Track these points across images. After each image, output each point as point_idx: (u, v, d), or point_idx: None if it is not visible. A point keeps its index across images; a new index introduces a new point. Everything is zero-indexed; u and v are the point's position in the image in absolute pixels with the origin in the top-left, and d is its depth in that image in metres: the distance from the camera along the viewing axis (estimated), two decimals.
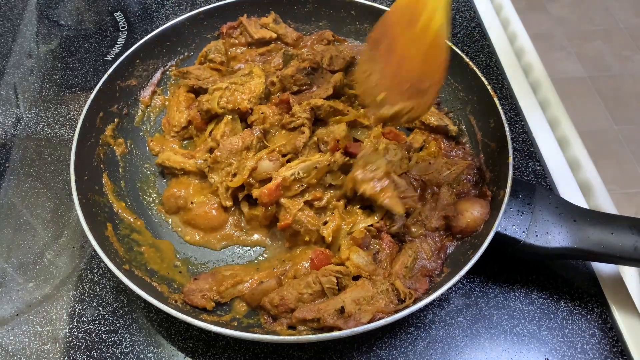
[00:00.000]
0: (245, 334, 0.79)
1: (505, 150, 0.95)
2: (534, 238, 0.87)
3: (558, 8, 3.38)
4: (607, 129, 2.78)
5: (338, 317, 0.80)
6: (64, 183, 1.09)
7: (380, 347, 0.89)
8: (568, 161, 1.14)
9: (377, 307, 0.81)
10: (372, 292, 0.83)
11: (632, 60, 3.09)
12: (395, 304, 0.82)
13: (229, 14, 1.24)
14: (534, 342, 0.90)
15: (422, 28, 0.69)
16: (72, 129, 1.18)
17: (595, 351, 0.89)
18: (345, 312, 0.80)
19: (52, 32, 1.40)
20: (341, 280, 0.86)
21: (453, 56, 1.11)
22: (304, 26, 1.29)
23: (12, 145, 1.16)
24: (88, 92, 1.25)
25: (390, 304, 0.82)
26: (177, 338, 0.89)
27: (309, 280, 0.86)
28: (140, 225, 1.00)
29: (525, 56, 1.36)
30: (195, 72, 1.15)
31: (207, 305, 0.87)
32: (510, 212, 0.89)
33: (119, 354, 0.88)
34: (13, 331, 0.90)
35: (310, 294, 0.85)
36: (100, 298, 0.94)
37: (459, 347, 0.89)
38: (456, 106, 1.14)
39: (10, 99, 1.25)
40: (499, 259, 0.94)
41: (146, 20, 1.43)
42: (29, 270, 0.97)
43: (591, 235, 0.85)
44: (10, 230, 1.03)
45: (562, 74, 3.01)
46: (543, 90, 1.28)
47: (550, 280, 0.96)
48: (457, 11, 1.45)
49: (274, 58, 1.19)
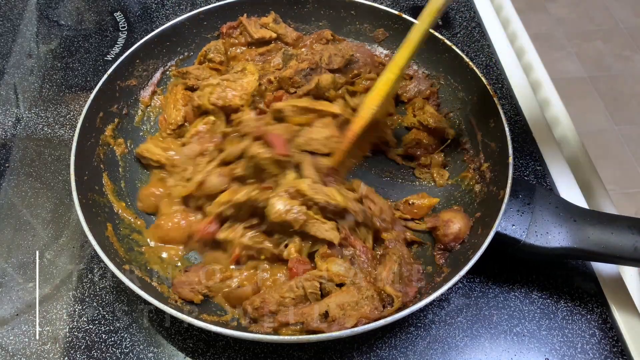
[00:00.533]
0: (245, 334, 0.79)
1: (505, 150, 0.95)
2: (534, 238, 0.87)
3: (558, 8, 3.38)
4: (607, 129, 2.78)
5: (322, 321, 0.79)
6: (64, 183, 1.09)
7: (380, 347, 0.89)
8: (568, 161, 1.14)
9: (361, 313, 0.80)
10: (357, 297, 0.82)
11: (632, 60, 3.09)
12: (380, 310, 0.81)
13: (229, 14, 1.24)
14: (534, 342, 0.90)
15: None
16: (72, 129, 1.18)
17: (595, 351, 0.89)
18: (330, 317, 0.79)
19: (52, 32, 1.40)
20: (324, 286, 0.85)
21: (453, 56, 1.12)
22: (304, 26, 1.29)
23: (12, 145, 1.16)
24: (88, 92, 1.25)
25: (375, 310, 0.81)
26: (177, 338, 0.89)
27: (291, 284, 0.84)
28: (141, 226, 0.99)
29: (525, 56, 1.36)
30: (194, 72, 1.15)
31: (195, 298, 0.87)
32: (510, 212, 0.89)
33: (119, 354, 0.88)
34: (13, 331, 0.90)
35: (293, 298, 0.83)
36: (100, 298, 0.94)
37: (459, 347, 0.89)
38: (456, 106, 1.14)
39: (10, 99, 1.25)
40: (499, 259, 0.94)
41: (146, 20, 1.43)
42: (29, 270, 0.97)
43: (591, 235, 0.85)
44: (10, 230, 1.03)
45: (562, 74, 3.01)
46: (543, 90, 1.28)
47: (550, 280, 0.96)
48: (457, 11, 1.45)
49: (273, 58, 1.19)
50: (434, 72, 1.19)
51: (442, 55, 1.14)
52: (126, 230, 0.97)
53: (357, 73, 1.16)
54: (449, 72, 1.15)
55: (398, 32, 1.21)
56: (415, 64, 1.21)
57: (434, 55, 1.17)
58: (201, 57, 1.20)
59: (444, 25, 1.41)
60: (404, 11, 1.21)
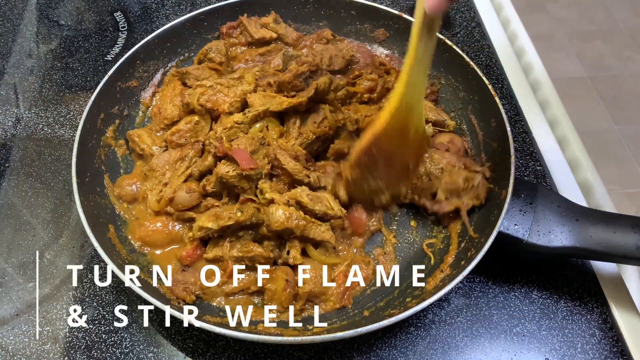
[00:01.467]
0: (246, 334, 0.79)
1: (506, 149, 0.95)
2: (537, 237, 0.87)
3: (558, 8, 3.38)
4: (607, 129, 2.78)
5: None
6: (64, 183, 1.09)
7: (380, 347, 0.89)
8: (568, 161, 1.14)
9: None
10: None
11: (632, 60, 3.09)
12: None
13: (229, 14, 1.24)
14: (534, 342, 0.90)
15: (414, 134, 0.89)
16: (72, 129, 1.18)
17: (595, 351, 0.88)
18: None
19: (52, 32, 1.40)
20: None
21: (453, 56, 1.12)
22: (304, 26, 1.29)
23: (12, 145, 1.16)
24: (88, 92, 1.25)
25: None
26: (177, 338, 0.89)
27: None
28: None
29: (525, 56, 1.36)
30: (194, 72, 1.15)
31: (187, 298, 0.87)
32: (512, 212, 0.89)
33: (119, 354, 0.88)
34: (13, 331, 0.90)
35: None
36: (100, 298, 0.94)
37: (459, 347, 0.89)
38: (457, 106, 1.14)
39: (10, 99, 1.25)
40: (499, 259, 0.94)
41: (146, 20, 1.43)
42: (29, 270, 0.97)
43: (593, 234, 0.85)
44: (10, 230, 1.03)
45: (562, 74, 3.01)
46: (543, 90, 1.28)
47: (550, 280, 0.96)
48: (457, 11, 1.45)
49: (274, 59, 1.18)
50: (434, 72, 1.19)
51: (442, 55, 1.14)
52: (128, 232, 0.97)
53: (358, 74, 1.16)
54: (450, 72, 1.15)
55: (398, 32, 1.21)
56: None
57: (434, 55, 1.16)
58: (201, 56, 1.20)
59: (444, 25, 1.41)
60: (404, 11, 1.21)
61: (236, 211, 0.88)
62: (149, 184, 1.00)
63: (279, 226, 0.87)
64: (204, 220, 0.89)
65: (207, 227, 0.88)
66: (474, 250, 0.86)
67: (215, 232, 0.89)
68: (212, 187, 0.94)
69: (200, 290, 0.89)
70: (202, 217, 0.90)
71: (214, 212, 0.90)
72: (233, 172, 0.91)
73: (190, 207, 0.95)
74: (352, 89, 1.13)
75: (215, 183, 0.93)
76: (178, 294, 0.87)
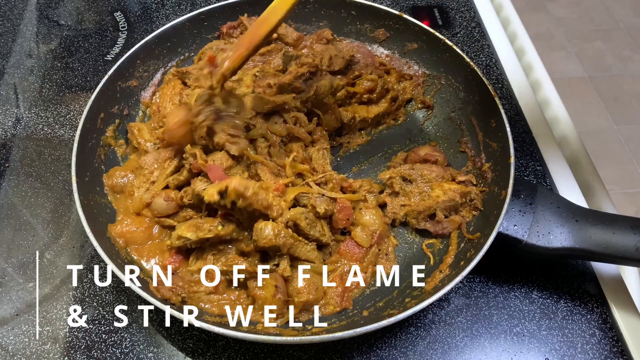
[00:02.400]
0: (246, 334, 0.79)
1: (506, 150, 0.95)
2: (536, 238, 0.87)
3: (558, 8, 3.38)
4: (607, 129, 2.78)
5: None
6: (64, 183, 1.09)
7: (380, 347, 0.89)
8: (568, 161, 1.14)
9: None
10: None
11: (632, 60, 3.09)
12: None
13: (229, 13, 1.24)
14: (534, 342, 0.90)
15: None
16: (72, 129, 1.18)
17: (595, 351, 0.89)
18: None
19: (52, 32, 1.40)
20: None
21: (454, 56, 1.12)
22: (304, 26, 1.29)
23: (12, 145, 1.16)
24: (88, 92, 1.25)
25: None
26: (177, 338, 0.89)
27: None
28: None
29: (525, 56, 1.36)
30: (194, 72, 1.15)
31: (173, 299, 0.85)
32: (512, 212, 0.89)
33: (119, 354, 0.88)
34: (13, 331, 0.90)
35: None
36: (100, 298, 0.94)
37: (459, 347, 0.89)
38: (457, 106, 1.14)
39: (10, 99, 1.25)
40: (499, 259, 0.94)
41: (146, 20, 1.43)
42: (29, 270, 0.97)
43: (593, 235, 0.85)
44: (10, 230, 1.03)
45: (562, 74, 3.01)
46: (543, 90, 1.28)
47: (550, 280, 0.96)
48: (457, 11, 1.45)
49: (274, 59, 1.18)
50: (434, 72, 1.19)
51: (442, 55, 1.14)
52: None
53: (358, 74, 1.16)
54: (450, 72, 1.15)
55: (399, 32, 1.21)
56: (415, 64, 1.21)
57: (434, 55, 1.17)
58: (201, 55, 1.20)
59: (444, 25, 1.41)
60: (404, 11, 1.21)
61: (217, 224, 0.87)
62: (137, 181, 0.99)
63: (267, 243, 0.85)
64: (184, 230, 0.88)
65: (186, 237, 0.87)
66: (473, 251, 0.86)
67: (193, 243, 0.88)
68: (189, 200, 0.93)
69: (186, 293, 0.87)
70: (182, 227, 0.89)
71: (195, 223, 0.89)
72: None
73: (167, 214, 0.94)
74: (351, 89, 1.13)
75: (193, 196, 0.92)
76: (164, 294, 0.85)
